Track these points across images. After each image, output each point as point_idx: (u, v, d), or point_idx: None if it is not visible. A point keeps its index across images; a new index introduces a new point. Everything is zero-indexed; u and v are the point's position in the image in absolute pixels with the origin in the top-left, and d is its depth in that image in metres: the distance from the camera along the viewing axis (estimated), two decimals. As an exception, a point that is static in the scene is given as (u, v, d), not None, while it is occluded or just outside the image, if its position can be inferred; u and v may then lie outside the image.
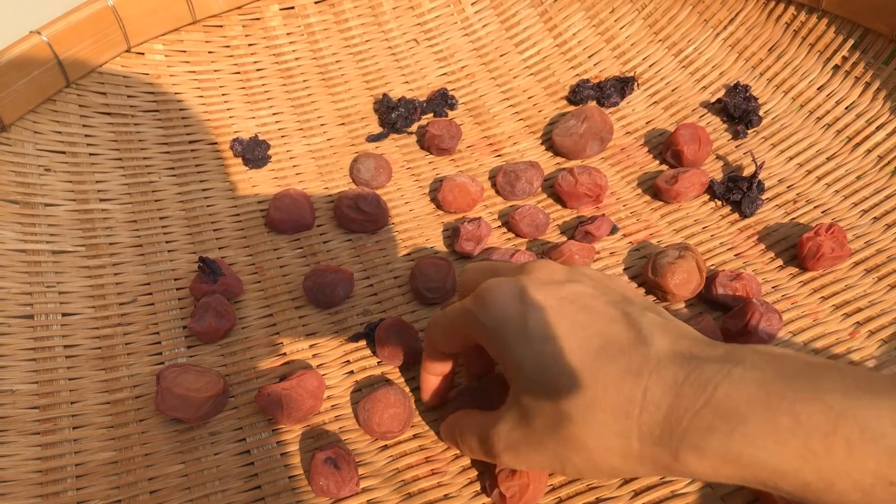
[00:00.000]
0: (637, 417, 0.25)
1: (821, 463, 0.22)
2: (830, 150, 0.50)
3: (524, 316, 0.28)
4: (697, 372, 0.25)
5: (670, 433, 0.24)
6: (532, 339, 0.28)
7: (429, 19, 0.61)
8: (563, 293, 0.29)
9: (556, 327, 0.28)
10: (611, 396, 0.26)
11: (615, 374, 0.26)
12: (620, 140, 0.53)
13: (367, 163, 0.50)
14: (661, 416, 0.25)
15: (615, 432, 0.26)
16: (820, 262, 0.42)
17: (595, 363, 0.26)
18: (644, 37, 0.59)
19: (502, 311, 0.29)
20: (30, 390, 0.39)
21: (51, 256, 0.45)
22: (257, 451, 0.37)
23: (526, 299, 0.29)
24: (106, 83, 0.53)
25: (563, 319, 0.28)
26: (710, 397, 0.24)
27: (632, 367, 0.26)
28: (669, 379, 0.25)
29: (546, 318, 0.28)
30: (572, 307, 0.28)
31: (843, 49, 0.52)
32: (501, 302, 0.29)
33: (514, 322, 0.28)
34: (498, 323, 0.29)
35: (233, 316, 0.42)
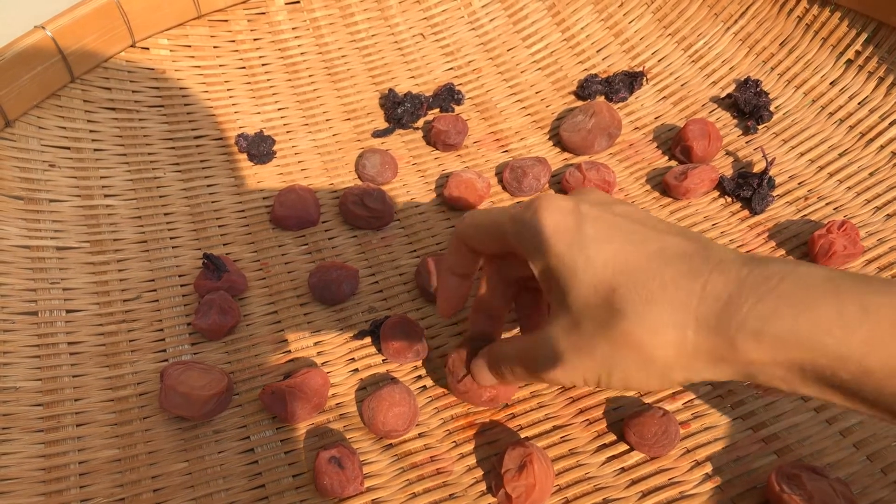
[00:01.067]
0: (695, 309, 0.25)
1: (887, 350, 0.22)
2: (843, 146, 0.49)
3: (579, 224, 0.28)
4: (762, 267, 0.24)
5: (728, 320, 0.24)
6: (587, 243, 0.27)
7: (435, 13, 0.60)
8: (616, 211, 0.29)
9: (612, 235, 0.27)
10: (668, 292, 0.25)
11: (674, 273, 0.25)
12: (629, 135, 0.53)
13: (372, 158, 0.50)
14: (719, 306, 0.24)
15: (670, 324, 0.25)
16: (832, 259, 0.42)
17: (652, 264, 0.26)
18: (653, 31, 0.58)
19: (556, 220, 0.28)
20: (33, 387, 0.39)
21: (55, 253, 0.45)
22: (261, 450, 0.37)
23: (581, 211, 0.28)
24: (110, 78, 0.52)
25: (618, 230, 0.27)
26: (774, 286, 0.24)
27: (692, 267, 0.25)
28: (732, 273, 0.25)
29: (601, 226, 0.28)
30: (626, 221, 0.28)
31: (856, 43, 0.51)
32: (557, 210, 0.28)
33: (568, 229, 0.28)
34: (551, 229, 0.28)
35: (237, 313, 0.42)
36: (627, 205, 0.30)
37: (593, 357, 0.27)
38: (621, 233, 0.27)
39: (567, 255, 0.27)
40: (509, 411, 0.38)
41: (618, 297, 0.26)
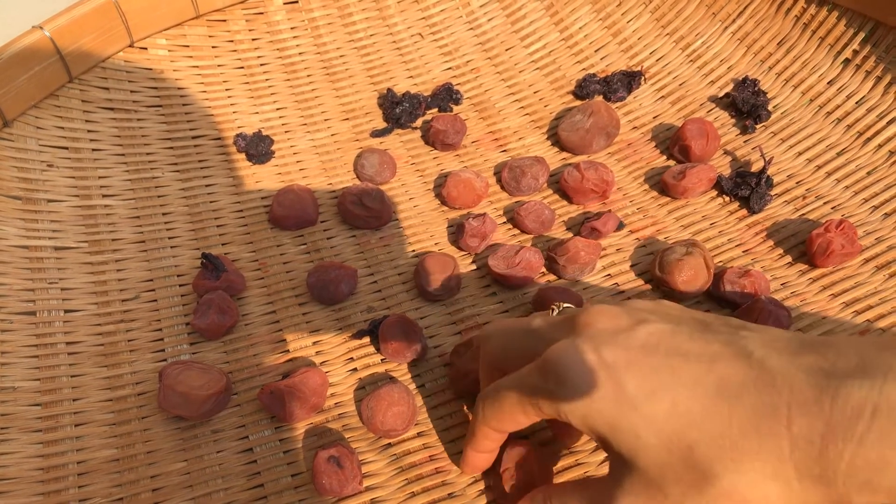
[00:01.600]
0: (790, 456, 0.22)
1: None
2: (840, 145, 0.49)
3: (617, 380, 0.25)
4: (843, 394, 0.22)
5: (834, 471, 0.22)
6: (637, 402, 0.24)
7: (433, 13, 0.60)
8: (640, 341, 0.26)
9: (659, 379, 0.24)
10: (752, 441, 0.23)
11: (748, 414, 0.23)
12: (627, 135, 0.53)
13: (371, 158, 0.50)
14: (815, 452, 0.22)
15: (770, 477, 0.23)
16: (830, 258, 0.42)
17: (720, 406, 0.23)
18: (651, 30, 0.58)
19: (587, 384, 0.25)
20: (32, 387, 0.39)
21: (53, 253, 0.45)
22: (260, 449, 0.37)
23: (608, 361, 0.25)
24: (109, 78, 0.52)
25: (659, 371, 0.25)
26: (869, 425, 0.21)
27: (763, 401, 0.23)
28: (812, 406, 0.22)
29: (641, 374, 0.25)
30: (659, 354, 0.25)
31: (853, 42, 0.51)
32: (582, 373, 0.25)
33: (606, 392, 0.25)
34: (587, 398, 0.25)
35: (236, 312, 0.42)
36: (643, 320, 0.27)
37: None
38: (665, 375, 0.25)
39: (621, 419, 0.25)
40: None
41: (700, 456, 0.23)
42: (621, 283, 0.44)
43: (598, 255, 0.43)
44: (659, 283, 0.42)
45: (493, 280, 0.44)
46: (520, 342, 0.30)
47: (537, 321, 0.30)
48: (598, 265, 0.44)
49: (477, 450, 0.32)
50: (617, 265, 0.44)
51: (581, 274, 0.43)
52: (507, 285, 0.43)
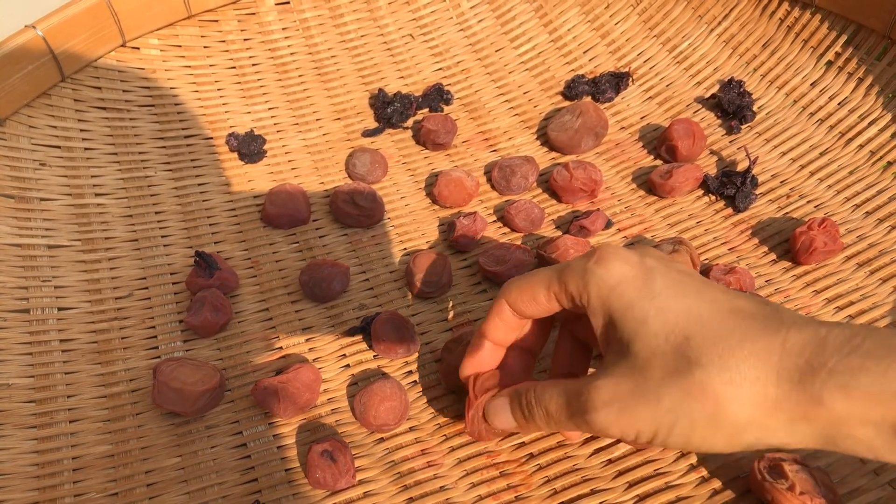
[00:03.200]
0: (776, 363, 0.24)
1: None
2: (823, 145, 0.50)
3: (648, 276, 0.28)
4: (839, 329, 0.24)
5: (812, 375, 0.23)
6: (658, 295, 0.27)
7: (424, 14, 0.61)
8: (681, 268, 0.29)
9: (683, 290, 0.27)
10: (747, 346, 0.25)
11: (751, 328, 0.25)
12: (615, 135, 0.54)
13: (362, 158, 0.50)
14: (802, 361, 0.24)
15: (750, 378, 0.24)
16: (813, 256, 0.43)
17: (728, 321, 0.26)
18: (639, 32, 0.59)
19: (624, 268, 0.28)
20: (26, 384, 0.39)
21: (46, 251, 0.45)
22: (254, 445, 0.38)
23: (646, 265, 0.28)
24: (101, 78, 0.52)
25: (687, 286, 0.27)
26: (858, 344, 0.23)
27: (768, 325, 0.25)
28: (811, 331, 0.24)
29: (670, 281, 0.27)
30: (692, 280, 0.28)
31: (836, 45, 0.53)
32: (624, 259, 0.28)
33: (637, 280, 0.28)
34: (617, 278, 0.28)
35: (229, 310, 0.42)
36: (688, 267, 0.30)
37: (658, 406, 0.26)
38: (691, 289, 0.27)
39: (637, 303, 0.27)
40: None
41: (693, 346, 0.25)
42: (609, 280, 0.44)
43: (586, 252, 0.44)
44: (646, 281, 0.43)
45: (484, 277, 0.44)
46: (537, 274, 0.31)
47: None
48: (587, 263, 0.45)
49: (487, 334, 0.33)
50: (605, 263, 0.45)
51: (570, 271, 0.44)
52: (498, 282, 0.44)
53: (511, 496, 0.35)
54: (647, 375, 0.26)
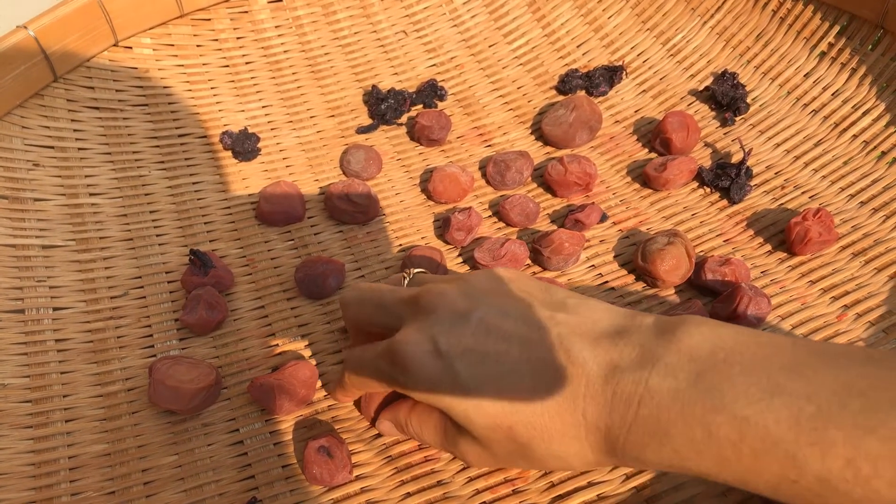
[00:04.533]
0: (585, 438, 0.28)
1: (734, 467, 0.25)
2: (817, 136, 0.50)
3: (451, 369, 0.29)
4: (621, 386, 0.27)
5: (614, 448, 0.27)
6: (468, 390, 0.29)
7: (417, 10, 0.61)
8: (472, 327, 0.30)
9: (485, 371, 0.29)
10: (557, 425, 0.28)
11: (555, 403, 0.28)
12: (609, 129, 0.54)
13: (357, 154, 0.50)
14: (601, 436, 0.27)
15: (572, 453, 0.28)
16: (808, 246, 0.43)
17: (534, 396, 0.28)
18: (632, 26, 0.59)
19: (427, 374, 0.29)
20: (22, 384, 0.39)
21: (41, 251, 0.45)
22: (250, 442, 0.38)
23: (443, 351, 0.29)
24: (94, 77, 0.52)
25: (487, 360, 0.29)
26: (635, 415, 0.26)
27: (566, 393, 0.28)
28: (600, 397, 0.27)
29: (472, 363, 0.29)
30: (489, 340, 0.29)
31: (829, 35, 0.53)
32: (422, 364, 0.30)
33: (444, 380, 0.29)
34: (427, 385, 0.30)
35: (224, 308, 0.42)
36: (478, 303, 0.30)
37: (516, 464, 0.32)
38: (490, 360, 0.29)
39: (455, 403, 0.29)
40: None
41: (518, 435, 0.29)
42: (605, 273, 0.44)
43: (581, 246, 0.44)
44: (642, 273, 0.43)
45: (479, 272, 0.44)
46: (372, 315, 0.34)
47: (388, 295, 0.34)
48: (583, 256, 0.45)
49: (346, 396, 0.37)
50: (600, 256, 0.45)
51: (565, 265, 0.44)
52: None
53: (508, 489, 0.35)
54: (494, 453, 0.30)
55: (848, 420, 0.22)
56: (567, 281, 0.44)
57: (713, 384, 0.25)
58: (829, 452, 0.22)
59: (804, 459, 0.23)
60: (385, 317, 0.33)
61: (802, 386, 0.24)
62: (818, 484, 0.23)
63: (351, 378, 0.34)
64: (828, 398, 0.23)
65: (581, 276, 0.44)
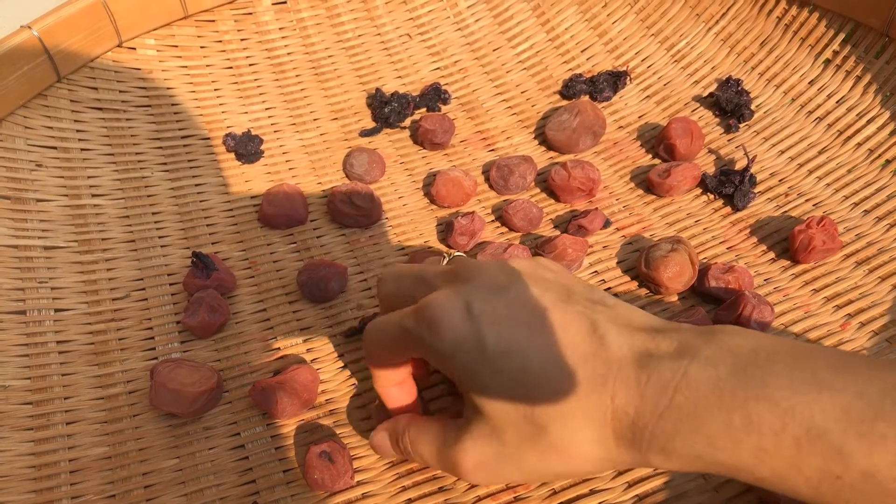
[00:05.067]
0: (610, 423, 0.26)
1: (773, 460, 0.23)
2: (822, 143, 0.50)
3: (479, 333, 0.27)
4: (657, 373, 0.25)
5: (640, 437, 0.26)
6: (493, 356, 0.27)
7: (421, 14, 0.61)
8: (510, 299, 0.28)
9: (515, 339, 0.27)
10: (583, 405, 0.26)
11: (583, 382, 0.26)
12: (613, 134, 0.53)
13: (360, 157, 0.50)
14: (629, 421, 0.26)
15: (593, 440, 0.27)
16: (811, 254, 0.43)
17: (562, 372, 0.26)
18: (636, 31, 0.59)
19: (454, 333, 0.28)
20: (23, 386, 0.39)
21: (43, 252, 0.45)
22: (252, 446, 0.37)
23: (475, 314, 0.28)
24: (97, 78, 0.52)
25: (518, 329, 0.27)
26: (670, 401, 0.25)
27: (597, 374, 0.26)
28: (632, 382, 0.26)
29: (502, 331, 0.27)
30: (524, 313, 0.28)
31: (833, 43, 0.52)
32: (451, 322, 0.28)
33: (469, 342, 0.27)
34: (451, 345, 0.28)
35: (226, 311, 0.42)
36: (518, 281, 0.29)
37: (520, 466, 0.28)
38: (522, 331, 0.27)
39: (476, 370, 0.27)
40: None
41: (538, 413, 0.27)
42: (608, 279, 0.44)
43: (584, 252, 0.44)
44: (645, 280, 0.43)
45: (482, 277, 0.44)
46: (409, 286, 0.32)
47: (428, 268, 0.32)
48: (585, 262, 0.45)
49: (382, 384, 0.34)
50: (603, 262, 0.45)
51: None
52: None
53: (510, 496, 0.35)
54: (504, 440, 0.28)
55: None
56: (570, 287, 0.44)
57: (755, 375, 0.24)
58: (878, 446, 0.22)
59: (850, 452, 0.22)
60: (423, 288, 0.31)
61: (850, 383, 0.23)
62: (864, 480, 0.22)
63: (371, 346, 0.32)
64: (878, 395, 0.22)
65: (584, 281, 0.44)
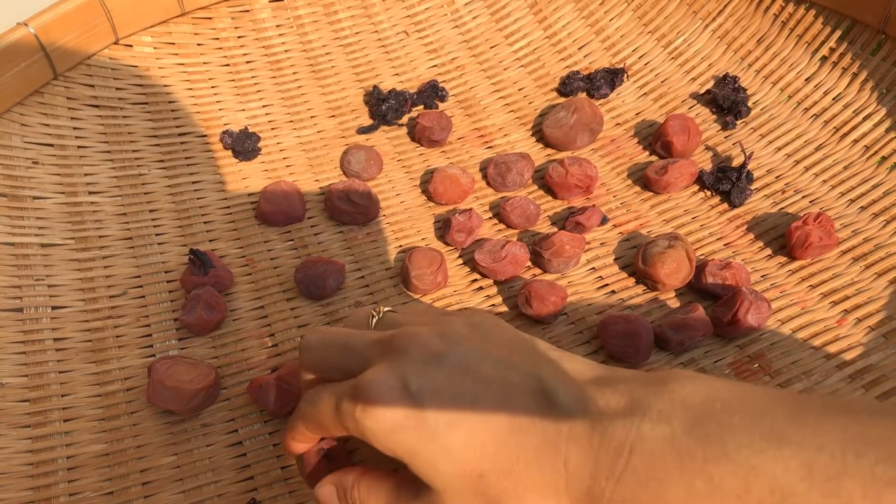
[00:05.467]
0: (565, 490, 0.25)
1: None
2: (818, 140, 0.50)
3: (420, 411, 0.26)
4: (609, 433, 0.24)
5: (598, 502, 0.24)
6: (437, 433, 0.26)
7: (419, 11, 0.61)
8: (448, 369, 0.27)
9: (458, 412, 0.26)
10: (535, 474, 0.25)
11: (533, 449, 0.25)
12: (610, 131, 0.53)
13: (357, 155, 0.50)
14: (585, 487, 0.24)
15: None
16: (808, 251, 0.43)
17: (510, 440, 0.25)
18: (633, 28, 0.59)
19: (392, 414, 0.26)
20: (20, 383, 0.39)
21: (40, 250, 0.45)
22: (249, 443, 0.37)
23: (413, 391, 0.26)
24: (94, 75, 0.52)
25: (460, 400, 0.26)
26: (626, 463, 0.24)
27: (547, 439, 0.25)
28: (585, 444, 0.24)
29: (443, 403, 0.26)
30: (465, 381, 0.26)
31: (830, 40, 0.53)
32: (386, 402, 0.26)
33: (409, 422, 0.26)
34: (392, 427, 0.26)
35: (224, 308, 0.42)
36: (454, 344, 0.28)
37: None
38: (465, 401, 0.26)
39: (420, 448, 0.26)
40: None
41: (490, 486, 0.25)
42: (605, 276, 0.44)
43: (582, 248, 0.44)
44: (642, 276, 0.43)
45: (480, 274, 0.44)
46: (337, 358, 0.30)
47: (356, 336, 0.30)
48: (583, 259, 0.45)
49: (295, 440, 0.32)
50: (601, 259, 0.45)
51: (566, 267, 0.44)
52: (494, 279, 0.44)
53: None
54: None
55: (865, 471, 0.21)
56: (567, 283, 0.44)
57: (712, 432, 0.23)
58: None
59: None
60: (352, 359, 0.29)
61: (811, 436, 0.22)
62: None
63: (304, 416, 0.30)
64: (841, 448, 0.21)
65: (581, 278, 0.44)
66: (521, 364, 0.27)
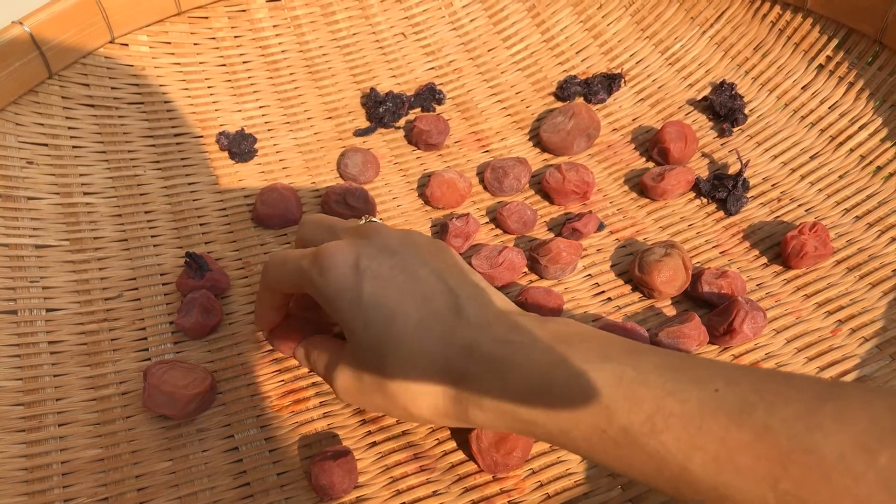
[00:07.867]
0: (441, 380, 0.30)
1: (560, 416, 0.28)
2: (814, 149, 0.50)
3: (359, 284, 0.31)
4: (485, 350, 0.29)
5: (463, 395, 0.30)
6: (364, 306, 0.31)
7: (416, 13, 0.60)
8: (394, 262, 0.32)
9: (386, 296, 0.31)
10: (423, 361, 0.30)
11: (431, 341, 0.30)
12: (607, 137, 0.54)
13: (354, 157, 0.50)
14: (457, 379, 0.30)
15: (425, 393, 0.30)
16: (803, 260, 0.43)
17: (416, 331, 0.30)
18: (631, 33, 0.59)
19: (338, 279, 0.31)
20: (14, 387, 0.39)
21: (34, 251, 0.44)
22: (245, 448, 0.37)
23: (360, 268, 0.32)
24: (89, 75, 0.52)
25: (392, 289, 0.31)
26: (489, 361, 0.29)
27: (444, 336, 0.30)
28: (468, 347, 0.30)
29: (377, 286, 0.31)
30: (402, 276, 0.32)
31: (827, 49, 0.53)
32: (338, 269, 0.32)
33: (349, 290, 0.31)
34: (334, 289, 0.31)
35: (220, 311, 0.42)
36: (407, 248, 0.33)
37: (373, 403, 0.33)
38: (395, 291, 0.31)
39: (348, 314, 0.31)
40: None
41: (388, 364, 0.31)
42: (601, 283, 0.44)
43: (579, 255, 0.44)
44: (638, 284, 0.43)
45: (477, 280, 0.44)
46: (320, 233, 0.36)
47: (341, 221, 0.37)
48: (579, 265, 0.45)
49: (264, 302, 0.38)
50: (597, 265, 0.45)
51: (562, 274, 0.44)
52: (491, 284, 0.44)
53: (504, 501, 0.35)
54: (362, 381, 0.32)
55: (657, 384, 0.26)
56: (564, 290, 0.44)
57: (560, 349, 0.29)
58: (635, 407, 0.26)
59: (615, 411, 0.26)
60: (330, 237, 0.35)
61: (632, 360, 0.28)
62: (622, 434, 0.26)
63: (270, 274, 0.35)
64: (648, 369, 0.27)
65: (577, 285, 0.44)
66: (450, 280, 0.32)
